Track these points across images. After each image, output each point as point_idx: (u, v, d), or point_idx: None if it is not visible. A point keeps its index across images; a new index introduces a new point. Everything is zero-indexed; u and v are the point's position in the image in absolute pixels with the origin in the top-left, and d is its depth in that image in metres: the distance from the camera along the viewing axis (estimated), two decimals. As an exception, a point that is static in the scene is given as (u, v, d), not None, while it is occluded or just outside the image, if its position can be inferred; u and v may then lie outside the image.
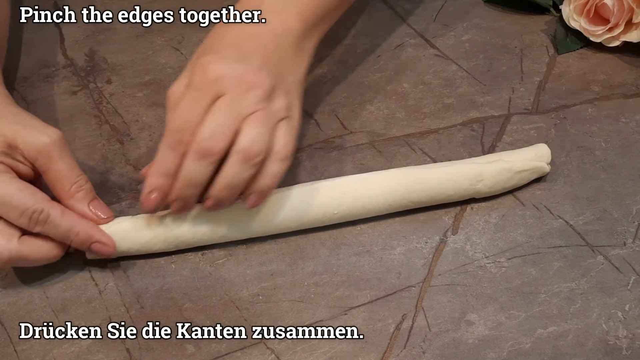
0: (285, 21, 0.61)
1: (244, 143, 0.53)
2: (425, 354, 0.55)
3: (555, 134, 0.70)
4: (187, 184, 0.54)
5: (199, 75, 0.55)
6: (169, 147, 0.54)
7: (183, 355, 0.55)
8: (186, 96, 0.54)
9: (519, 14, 0.84)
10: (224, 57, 0.56)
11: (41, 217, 0.54)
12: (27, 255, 0.55)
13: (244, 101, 0.54)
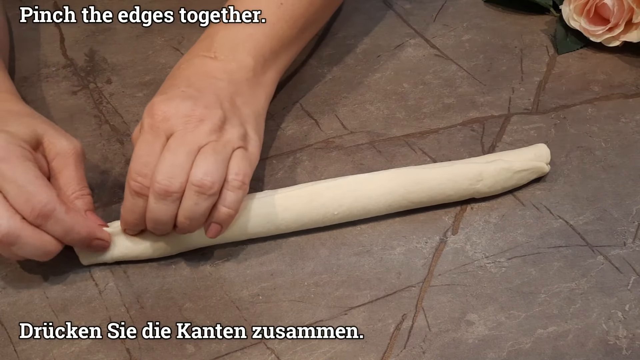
0: (237, 58, 0.63)
1: (197, 176, 0.54)
2: (425, 354, 0.55)
3: (555, 134, 0.70)
4: (156, 222, 0.56)
5: (148, 118, 0.56)
6: (133, 193, 0.56)
7: (183, 355, 0.55)
8: (140, 140, 0.56)
9: (519, 14, 0.84)
10: (170, 97, 0.57)
11: (45, 210, 0.54)
12: (25, 237, 0.54)
13: (193, 136, 0.56)
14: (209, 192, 0.55)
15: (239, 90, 0.62)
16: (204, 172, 0.55)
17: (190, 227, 0.56)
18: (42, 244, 0.55)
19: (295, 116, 0.72)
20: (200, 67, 0.62)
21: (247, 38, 0.64)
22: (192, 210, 0.55)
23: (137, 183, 0.55)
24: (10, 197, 0.54)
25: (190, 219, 0.56)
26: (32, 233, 0.54)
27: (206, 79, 0.61)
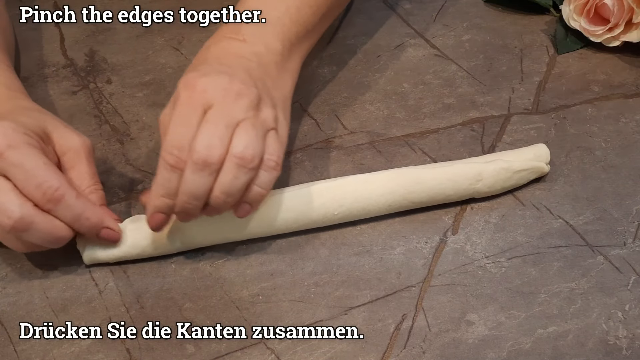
0: (266, 42, 0.62)
1: (238, 148, 0.54)
2: (425, 354, 0.55)
3: (555, 134, 0.70)
4: (190, 197, 0.54)
5: (185, 91, 0.55)
6: (168, 167, 0.54)
7: (183, 355, 0.55)
8: (176, 114, 0.55)
9: (519, 14, 0.84)
10: (207, 72, 0.57)
11: (56, 194, 0.54)
12: (37, 223, 0.54)
13: (232, 110, 0.55)
14: (249, 165, 0.54)
15: (269, 73, 0.61)
16: (245, 144, 0.54)
17: (225, 203, 0.55)
18: (54, 229, 0.55)
19: (295, 116, 0.72)
20: (229, 48, 0.61)
21: (274, 22, 0.64)
22: (230, 184, 0.54)
23: (174, 156, 0.54)
24: (20, 183, 0.54)
25: (227, 193, 0.54)
26: (44, 218, 0.54)
27: (237, 59, 0.60)
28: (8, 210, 0.53)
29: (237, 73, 0.57)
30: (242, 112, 0.55)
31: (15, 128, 0.55)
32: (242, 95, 0.55)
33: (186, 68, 0.77)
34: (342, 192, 0.61)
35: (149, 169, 0.68)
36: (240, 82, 0.56)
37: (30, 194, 0.54)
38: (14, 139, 0.54)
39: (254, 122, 0.55)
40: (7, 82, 0.63)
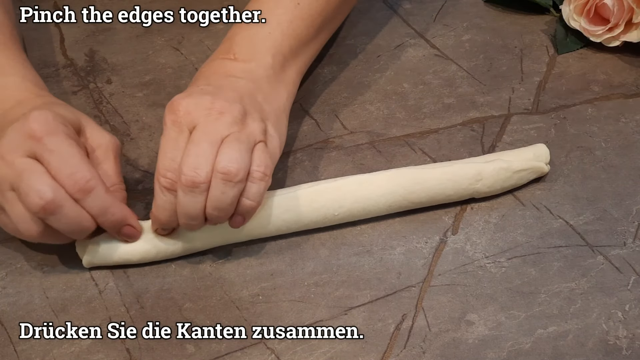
0: (256, 57, 0.64)
1: (222, 164, 0.55)
2: (425, 354, 0.55)
3: (555, 134, 0.70)
4: (187, 217, 0.56)
5: (170, 115, 0.57)
6: (163, 190, 0.56)
7: (183, 355, 0.55)
8: (164, 137, 0.57)
9: (519, 14, 0.84)
10: (189, 94, 0.58)
11: (87, 185, 0.54)
12: (66, 208, 0.54)
13: (216, 127, 0.56)
14: (234, 179, 0.55)
15: (259, 87, 0.62)
16: (228, 159, 0.55)
17: (219, 218, 0.56)
18: (80, 218, 0.55)
19: (295, 116, 0.72)
20: (219, 68, 0.63)
21: (265, 37, 0.65)
22: (219, 199, 0.55)
23: (167, 179, 0.55)
24: (53, 169, 0.54)
25: (218, 209, 0.55)
26: (73, 206, 0.55)
27: (225, 78, 0.62)
28: (41, 191, 0.53)
29: (222, 92, 0.59)
30: (226, 128, 0.56)
31: (55, 116, 0.56)
32: (224, 113, 0.56)
33: (186, 68, 0.78)
34: (342, 193, 0.61)
35: (149, 169, 0.68)
36: (223, 100, 0.57)
37: (62, 181, 0.54)
38: (53, 126, 0.55)
39: (238, 136, 0.56)
40: (34, 80, 0.64)
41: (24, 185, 0.53)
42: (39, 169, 0.54)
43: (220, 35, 0.80)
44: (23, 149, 0.54)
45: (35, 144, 0.54)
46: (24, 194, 0.53)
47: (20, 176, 0.54)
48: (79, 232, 0.56)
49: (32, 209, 0.54)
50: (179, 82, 0.76)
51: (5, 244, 0.62)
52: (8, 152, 0.54)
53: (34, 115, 0.55)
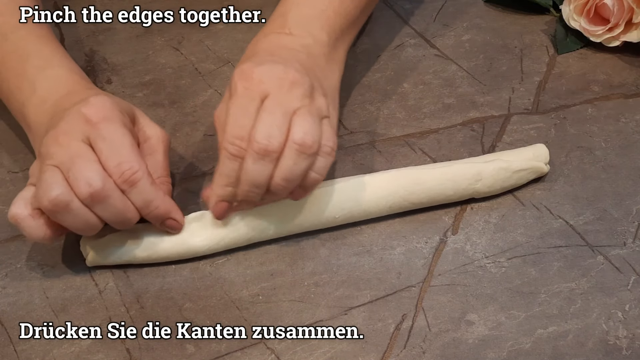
0: (312, 34, 0.64)
1: (298, 135, 0.55)
2: (425, 354, 0.55)
3: (555, 134, 0.70)
4: (252, 185, 0.55)
5: (242, 82, 0.56)
6: (230, 156, 0.55)
7: (183, 355, 0.55)
8: (234, 104, 0.56)
9: (519, 14, 0.84)
10: (261, 62, 0.58)
11: (133, 177, 0.55)
12: (113, 198, 0.54)
13: (289, 99, 0.56)
14: (309, 151, 0.55)
15: (318, 63, 0.62)
16: (304, 131, 0.55)
17: (284, 189, 0.56)
18: (126, 209, 0.56)
19: (295, 116, 0.72)
20: (278, 41, 0.63)
21: (319, 15, 0.65)
22: (290, 170, 0.55)
23: (235, 146, 0.55)
24: (103, 157, 0.55)
25: (287, 180, 0.55)
26: (120, 196, 0.55)
27: (287, 51, 0.61)
28: (91, 178, 0.53)
29: (290, 63, 0.58)
30: (298, 100, 0.56)
31: (113, 103, 0.57)
32: (297, 85, 0.56)
33: (186, 68, 0.78)
34: (342, 196, 0.61)
35: (149, 169, 0.68)
36: (294, 71, 0.57)
37: (109, 170, 0.54)
38: (110, 113, 0.56)
39: (310, 109, 0.56)
40: (79, 72, 0.64)
41: (75, 170, 0.54)
42: (90, 156, 0.54)
43: (220, 35, 0.81)
44: (79, 132, 0.55)
45: (90, 129, 0.55)
46: (73, 179, 0.53)
47: (72, 160, 0.54)
48: (123, 223, 0.56)
49: (80, 195, 0.54)
50: (179, 82, 0.76)
51: (5, 244, 0.62)
52: (63, 134, 0.55)
53: (93, 101, 0.56)
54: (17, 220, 0.55)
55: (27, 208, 0.55)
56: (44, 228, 0.56)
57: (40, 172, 0.55)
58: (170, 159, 0.65)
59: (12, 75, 0.63)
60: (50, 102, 0.60)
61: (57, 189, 0.53)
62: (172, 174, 0.67)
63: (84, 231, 0.56)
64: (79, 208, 0.54)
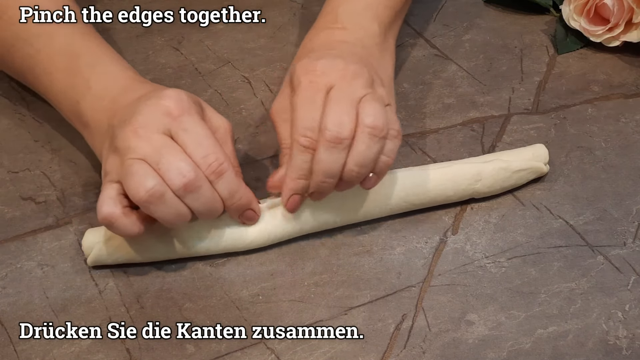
0: (364, 26, 0.65)
1: (369, 119, 0.56)
2: (425, 354, 0.55)
3: (555, 134, 0.70)
4: (325, 175, 0.56)
5: (306, 75, 0.58)
6: (302, 149, 0.56)
7: (183, 355, 0.55)
8: (300, 97, 0.57)
9: (519, 14, 0.84)
10: (322, 56, 0.59)
11: (220, 168, 0.55)
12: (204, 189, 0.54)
13: (353, 88, 0.57)
14: (380, 134, 0.56)
15: (372, 55, 0.64)
16: (374, 115, 0.56)
17: (358, 176, 0.57)
18: (214, 200, 0.56)
19: (295, 116, 0.72)
20: (331, 36, 0.64)
21: (368, 7, 0.67)
22: (363, 154, 0.56)
23: (307, 137, 0.56)
24: (189, 149, 0.55)
25: (361, 165, 0.56)
26: (209, 187, 0.55)
27: (342, 45, 0.63)
28: (183, 169, 0.54)
29: (349, 57, 0.60)
30: (362, 89, 0.57)
31: (187, 96, 0.57)
32: (358, 76, 0.58)
33: (186, 68, 0.78)
34: (342, 198, 0.61)
35: (149, 169, 0.68)
36: (354, 63, 0.58)
37: (196, 161, 0.55)
38: (188, 106, 0.56)
39: (374, 96, 0.57)
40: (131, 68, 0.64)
41: (165, 162, 0.54)
42: (177, 147, 0.55)
43: (220, 35, 0.81)
44: (159, 125, 0.55)
45: (171, 121, 0.55)
46: (164, 171, 0.54)
47: (159, 152, 0.54)
48: (210, 213, 0.56)
49: (173, 186, 0.54)
50: (179, 82, 0.76)
51: (5, 244, 0.62)
52: (142, 127, 0.55)
53: (170, 94, 0.56)
54: (110, 220, 0.55)
55: (117, 206, 0.55)
56: (137, 224, 0.56)
57: (125, 167, 0.54)
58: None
59: (63, 74, 0.63)
60: (108, 98, 0.60)
61: (152, 180, 0.53)
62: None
63: (174, 223, 0.56)
64: (172, 199, 0.54)
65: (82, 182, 0.67)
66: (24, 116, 0.73)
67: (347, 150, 0.56)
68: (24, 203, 0.65)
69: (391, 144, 0.57)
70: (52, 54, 0.64)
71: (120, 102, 0.59)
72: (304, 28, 0.81)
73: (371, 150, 0.56)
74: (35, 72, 0.65)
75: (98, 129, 0.60)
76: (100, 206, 0.55)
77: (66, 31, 0.65)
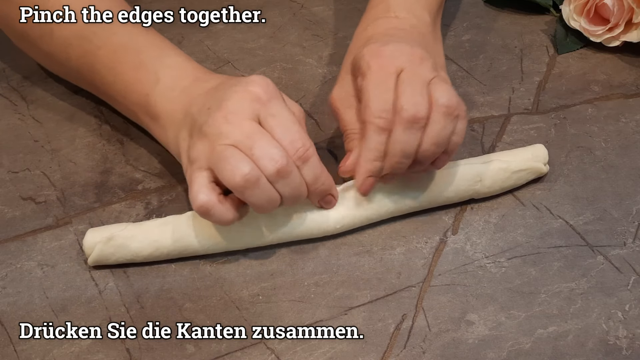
0: (416, 15, 0.66)
1: (444, 99, 0.57)
2: (425, 354, 0.55)
3: (555, 134, 0.70)
4: (402, 155, 0.57)
5: (376, 60, 0.59)
6: (378, 130, 0.57)
7: (183, 355, 0.55)
8: (372, 81, 0.58)
9: (519, 14, 0.84)
10: (387, 42, 0.60)
11: (306, 154, 0.56)
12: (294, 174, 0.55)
13: (422, 70, 0.58)
14: (455, 112, 0.57)
15: (427, 42, 0.65)
16: (447, 95, 0.57)
17: (433, 155, 0.58)
18: (301, 184, 0.56)
19: (295, 116, 0.72)
20: (386, 24, 0.65)
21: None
22: (439, 133, 0.57)
23: (382, 119, 0.57)
24: (277, 135, 0.55)
25: (436, 144, 0.57)
26: (298, 172, 0.56)
27: (401, 32, 0.64)
28: (275, 154, 0.54)
29: (410, 42, 0.61)
30: (429, 72, 0.58)
31: (273, 84, 0.57)
32: (425, 59, 0.59)
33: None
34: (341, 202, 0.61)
35: (149, 169, 0.68)
36: (419, 47, 0.60)
37: (284, 146, 0.55)
38: (274, 91, 0.57)
39: (441, 78, 0.59)
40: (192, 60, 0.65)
41: (257, 148, 0.54)
42: (266, 133, 0.55)
43: (220, 35, 0.81)
44: (249, 111, 0.55)
45: (260, 107, 0.56)
46: (257, 157, 0.54)
47: (251, 139, 0.54)
48: (297, 198, 0.57)
49: (265, 172, 0.54)
50: (179, 82, 0.76)
51: (5, 244, 0.62)
52: (232, 114, 0.55)
53: (256, 80, 0.57)
54: (207, 208, 0.55)
55: (213, 194, 0.55)
56: (232, 210, 0.56)
57: (217, 152, 0.54)
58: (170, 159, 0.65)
59: (129, 68, 0.63)
60: (178, 89, 0.61)
61: (247, 165, 0.54)
62: (173, 174, 0.67)
63: (266, 208, 0.56)
64: (265, 184, 0.55)
65: (82, 182, 0.67)
66: (24, 116, 0.73)
67: (422, 131, 0.57)
68: (24, 203, 0.65)
69: (461, 124, 0.58)
70: (115, 49, 0.64)
71: (194, 92, 0.59)
72: (304, 28, 0.81)
73: (446, 129, 0.57)
74: (95, 68, 0.65)
75: (171, 119, 0.60)
76: (196, 195, 0.55)
77: (127, 28, 0.65)
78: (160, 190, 0.66)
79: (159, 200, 0.65)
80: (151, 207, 0.64)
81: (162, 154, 0.68)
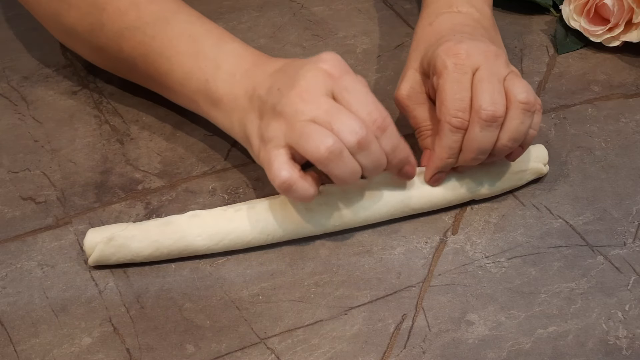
0: (477, 8, 0.67)
1: (522, 95, 0.58)
2: (425, 354, 0.55)
3: (555, 134, 0.70)
4: (479, 151, 0.59)
5: (452, 58, 0.59)
6: (453, 129, 0.58)
7: (183, 355, 0.55)
8: (449, 80, 0.59)
9: (519, 14, 0.84)
10: (461, 40, 0.60)
11: (384, 124, 0.56)
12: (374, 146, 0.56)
13: (497, 67, 0.59)
14: (532, 108, 0.58)
15: (491, 35, 0.66)
16: (525, 91, 0.58)
17: (510, 149, 0.59)
18: (381, 155, 0.57)
19: (295, 116, 0.72)
20: (451, 20, 0.66)
21: None
22: (517, 129, 0.58)
23: (458, 118, 0.58)
24: (354, 108, 0.56)
25: (514, 139, 0.58)
26: (377, 143, 0.56)
27: (466, 27, 0.64)
28: (355, 126, 0.55)
29: (480, 38, 0.62)
30: (504, 68, 0.59)
31: (341, 58, 0.58)
32: (498, 55, 0.60)
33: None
34: (341, 203, 0.61)
35: (149, 169, 0.68)
36: (491, 44, 0.61)
37: (362, 118, 0.56)
38: (345, 66, 0.57)
39: (516, 74, 0.60)
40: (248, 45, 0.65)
41: (337, 121, 0.55)
42: (343, 107, 0.56)
43: (220, 35, 0.81)
44: (322, 88, 0.56)
45: (333, 83, 0.56)
46: (337, 130, 0.55)
47: (329, 113, 0.55)
48: (377, 169, 0.57)
49: (347, 143, 0.55)
50: (179, 82, 0.76)
51: (5, 244, 0.62)
52: (306, 91, 0.56)
53: (326, 57, 0.57)
54: (290, 184, 0.56)
55: (294, 170, 0.56)
56: (314, 185, 0.57)
57: (297, 129, 0.55)
58: (170, 159, 0.65)
59: (187, 56, 0.63)
60: (239, 73, 0.61)
61: (330, 138, 0.54)
62: (173, 174, 0.67)
63: (349, 180, 0.57)
64: (348, 156, 0.55)
65: (82, 182, 0.67)
66: (24, 116, 0.73)
67: (499, 127, 0.58)
68: (24, 203, 0.65)
69: (537, 118, 0.59)
70: (171, 38, 0.64)
71: (256, 76, 0.60)
72: (304, 28, 0.81)
73: (524, 125, 0.58)
74: (149, 58, 0.65)
75: (235, 103, 0.61)
76: (278, 172, 0.56)
77: (181, 17, 0.65)
78: (160, 190, 0.66)
79: (159, 200, 0.65)
80: (151, 207, 0.64)
81: (162, 154, 0.68)
